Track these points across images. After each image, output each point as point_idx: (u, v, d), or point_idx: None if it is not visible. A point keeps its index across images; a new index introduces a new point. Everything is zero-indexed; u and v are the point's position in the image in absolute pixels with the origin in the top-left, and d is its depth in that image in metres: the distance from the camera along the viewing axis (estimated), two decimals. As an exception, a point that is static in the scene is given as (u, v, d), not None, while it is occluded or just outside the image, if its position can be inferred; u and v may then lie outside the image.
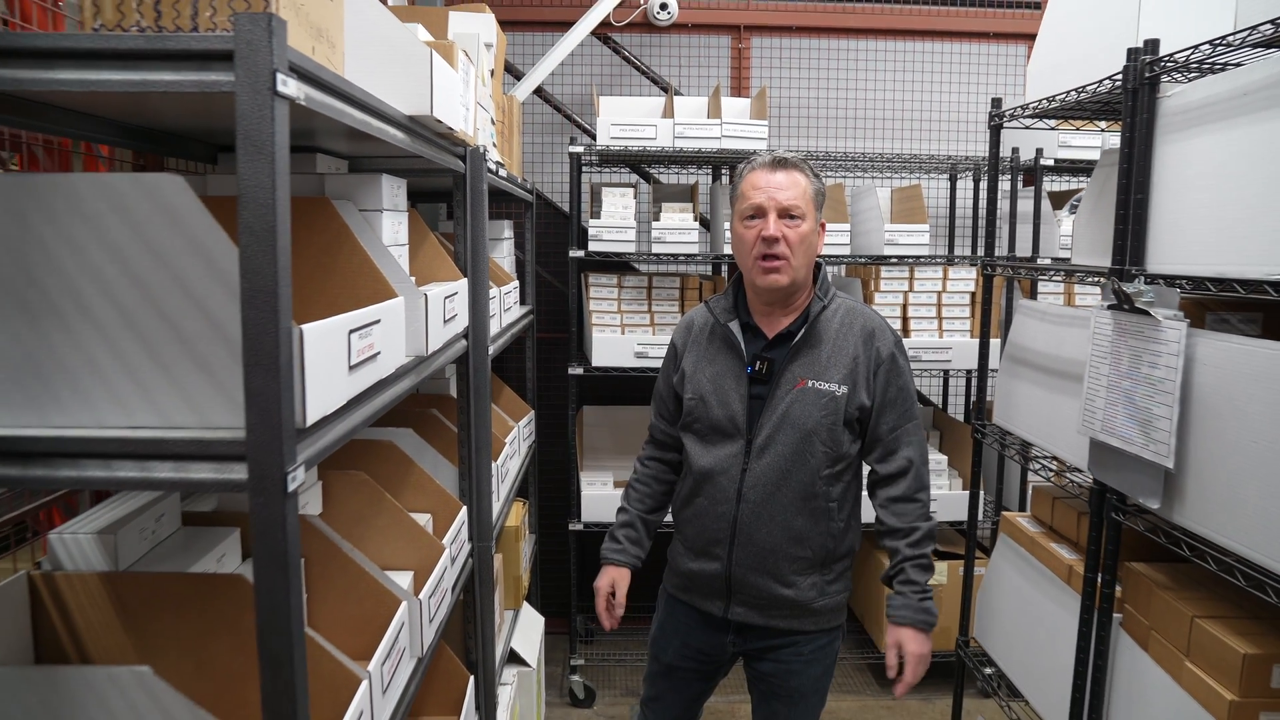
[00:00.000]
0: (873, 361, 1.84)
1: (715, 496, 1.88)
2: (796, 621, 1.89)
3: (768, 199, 1.80)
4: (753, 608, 1.90)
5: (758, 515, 1.84)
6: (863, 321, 1.87)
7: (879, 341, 1.85)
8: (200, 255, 0.99)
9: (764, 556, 1.86)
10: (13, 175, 1.00)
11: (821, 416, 1.81)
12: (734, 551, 1.87)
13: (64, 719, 1.06)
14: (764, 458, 1.83)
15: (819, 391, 1.82)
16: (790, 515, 1.84)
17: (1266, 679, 1.43)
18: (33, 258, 0.99)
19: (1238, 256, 1.41)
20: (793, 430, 1.81)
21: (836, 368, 1.83)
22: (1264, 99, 1.34)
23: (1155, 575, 1.71)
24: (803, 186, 1.82)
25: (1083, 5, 2.05)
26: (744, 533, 1.86)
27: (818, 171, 1.88)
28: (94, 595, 1.34)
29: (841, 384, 1.82)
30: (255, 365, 0.96)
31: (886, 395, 1.84)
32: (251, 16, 0.91)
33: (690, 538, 1.95)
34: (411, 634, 1.65)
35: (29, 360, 1.01)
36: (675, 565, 2.02)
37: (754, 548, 1.86)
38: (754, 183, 1.83)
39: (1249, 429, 1.36)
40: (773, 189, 1.80)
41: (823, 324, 1.86)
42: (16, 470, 1.00)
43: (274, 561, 0.99)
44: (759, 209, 1.81)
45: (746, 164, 1.89)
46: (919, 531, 1.83)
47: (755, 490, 1.84)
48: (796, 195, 1.80)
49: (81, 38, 0.92)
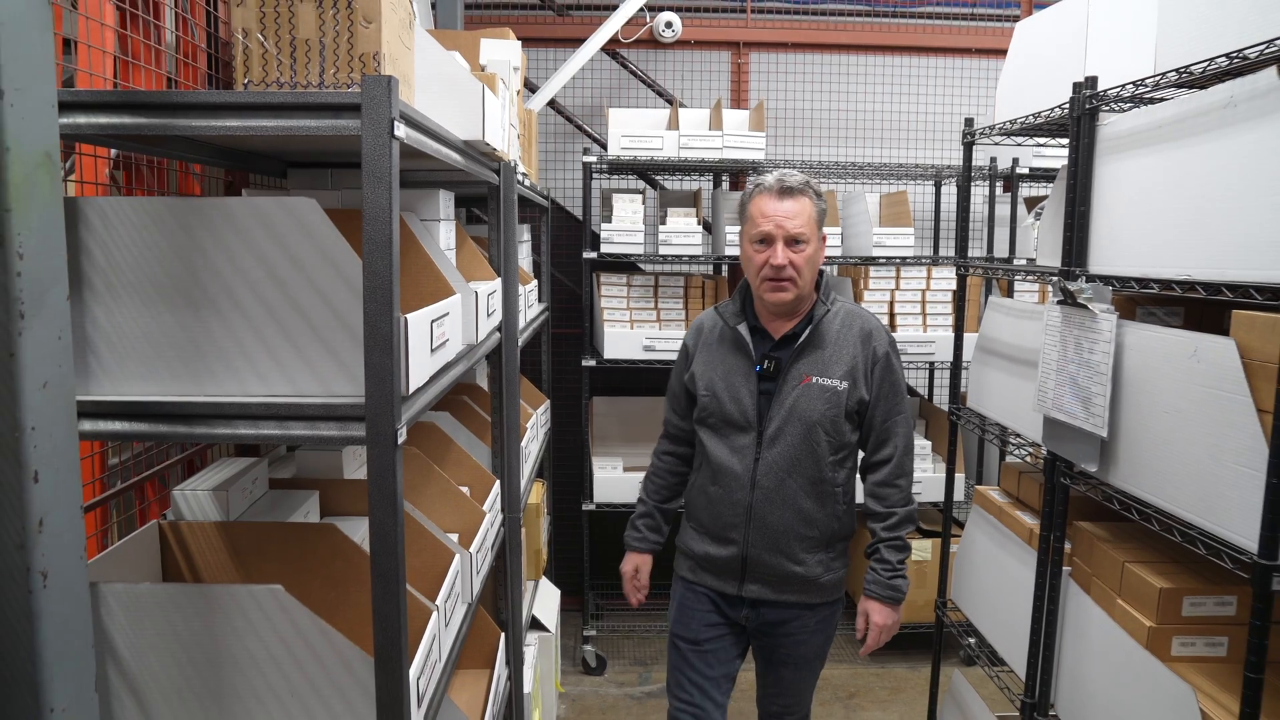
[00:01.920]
0: (870, 360, 2.03)
1: (730, 484, 2.04)
2: (805, 595, 2.08)
3: (775, 228, 1.95)
4: (766, 584, 2.07)
5: (770, 500, 2.01)
6: (861, 324, 2.05)
7: (875, 342, 2.04)
8: (327, 261, 1.28)
9: (777, 538, 2.03)
10: (184, 199, 1.28)
11: (825, 409, 1.99)
12: (749, 534, 2.04)
13: (215, 627, 1.35)
14: (775, 447, 2.00)
15: (823, 387, 1.99)
16: (800, 499, 2.01)
17: (1178, 609, 1.72)
18: (197, 263, 1.28)
19: (1156, 260, 1.70)
20: (799, 422, 1.99)
21: (838, 365, 2.00)
22: (1172, 132, 1.63)
23: (1098, 531, 2.01)
24: (808, 213, 1.97)
25: (1042, 39, 2.35)
26: (758, 516, 2.03)
27: (819, 190, 2.02)
28: (211, 540, 1.63)
29: (843, 380, 2.00)
30: (374, 346, 1.24)
31: (881, 389, 2.03)
32: (375, 78, 1.20)
33: (706, 523, 2.11)
34: (464, 582, 1.93)
35: (192, 343, 1.30)
36: (689, 549, 2.18)
37: (767, 530, 2.03)
38: (762, 209, 1.97)
39: (1163, 402, 1.65)
40: (780, 218, 1.95)
41: (825, 326, 2.02)
42: (184, 428, 1.28)
43: (386, 497, 1.28)
44: (767, 237, 1.96)
45: (755, 185, 2.02)
46: (896, 516, 2.04)
47: (768, 477, 2.01)
48: (802, 223, 1.95)
49: (244, 95, 1.21)
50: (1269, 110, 1.37)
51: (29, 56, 1.03)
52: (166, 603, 1.35)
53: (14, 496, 1.06)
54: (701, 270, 4.25)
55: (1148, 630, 1.73)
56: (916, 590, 3.81)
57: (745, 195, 2.05)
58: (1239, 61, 1.46)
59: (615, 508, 3.71)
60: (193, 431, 1.29)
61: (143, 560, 1.57)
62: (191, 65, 1.90)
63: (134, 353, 1.30)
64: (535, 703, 2.98)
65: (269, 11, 1.29)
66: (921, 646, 3.65)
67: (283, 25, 1.29)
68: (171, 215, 1.27)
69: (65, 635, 1.12)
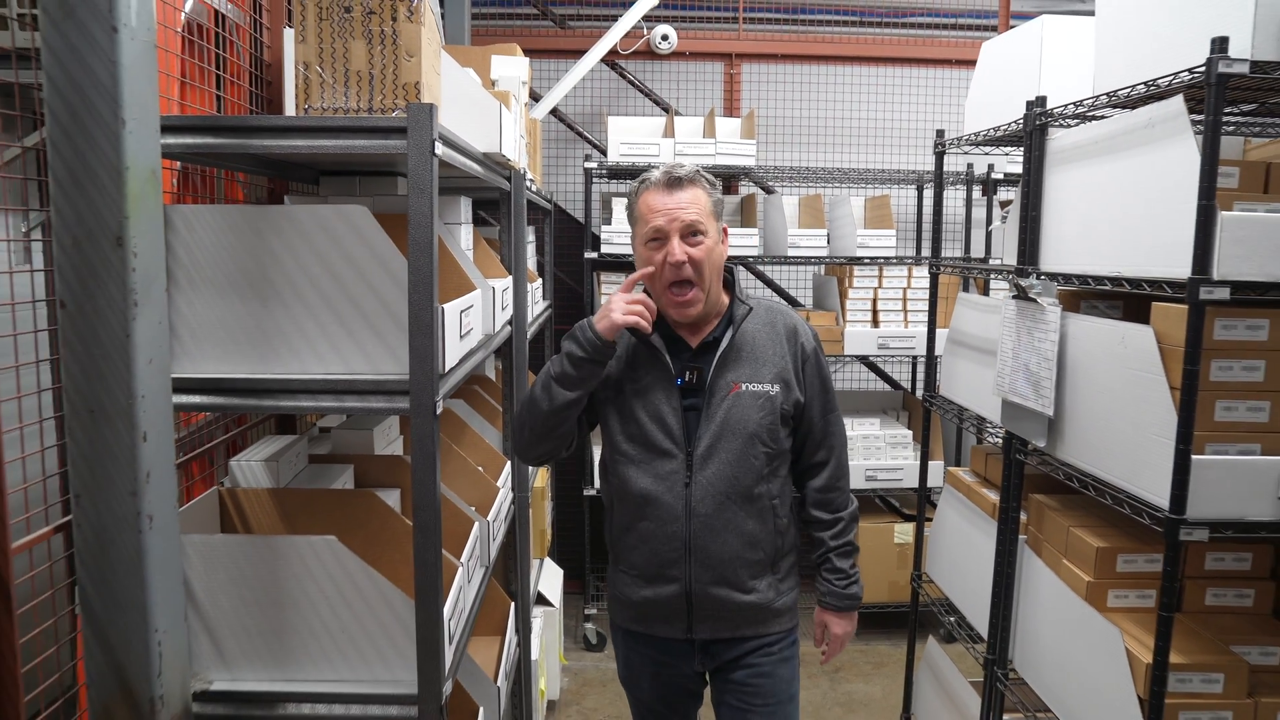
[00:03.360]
0: (798, 358, 1.85)
1: (662, 517, 1.80)
2: (761, 627, 1.86)
3: (668, 220, 1.74)
4: (718, 621, 1.84)
5: (710, 527, 1.79)
6: (784, 320, 1.87)
7: (802, 338, 1.86)
8: (375, 258, 1.51)
9: (721, 567, 1.80)
10: (254, 207, 1.51)
11: (760, 417, 1.79)
12: (691, 569, 1.80)
13: (277, 572, 1.57)
14: (708, 468, 1.78)
15: (754, 393, 1.79)
16: (742, 521, 1.80)
17: (1113, 566, 1.95)
18: (265, 260, 1.50)
19: (1094, 260, 1.94)
20: (734, 436, 1.78)
21: (767, 368, 1.81)
22: (1106, 147, 1.87)
23: (1049, 502, 2.24)
24: (702, 201, 1.76)
25: (1004, 59, 2.58)
26: (699, 548, 1.80)
27: (713, 179, 1.83)
28: (264, 504, 1.85)
29: (774, 383, 1.81)
30: (417, 330, 1.47)
31: (813, 387, 1.87)
32: (419, 106, 1.43)
33: (639, 564, 1.86)
34: (482, 546, 2.16)
35: (260, 329, 1.52)
36: (624, 597, 1.91)
37: (711, 561, 1.80)
38: (651, 205, 1.76)
39: (1098, 383, 1.89)
40: (673, 209, 1.74)
41: (747, 327, 1.83)
42: (254, 400, 1.51)
43: (426, 460, 1.51)
44: (660, 232, 1.75)
45: (641, 182, 1.81)
46: (841, 521, 1.90)
47: (705, 503, 1.78)
48: (698, 212, 1.75)
49: (310, 119, 1.44)
50: (1176, 132, 1.61)
51: (141, 92, 1.26)
52: (236, 551, 1.58)
53: (128, 453, 1.29)
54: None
55: (1087, 585, 1.96)
56: (898, 570, 4.05)
57: (631, 195, 1.84)
58: (1154, 89, 1.70)
59: (615, 493, 3.94)
60: (262, 404, 1.52)
61: (206, 521, 1.80)
62: (237, 84, 2.13)
63: (210, 337, 1.53)
64: (541, 671, 3.21)
65: (326, 47, 1.51)
66: (904, 625, 3.89)
67: (338, 59, 1.51)
68: (244, 220, 1.50)
69: (165, 569, 1.35)
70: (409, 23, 1.52)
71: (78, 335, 1.27)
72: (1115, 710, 1.78)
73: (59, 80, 1.22)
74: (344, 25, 1.52)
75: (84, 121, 1.23)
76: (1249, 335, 1.64)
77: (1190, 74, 1.59)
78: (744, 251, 3.87)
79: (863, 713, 3.48)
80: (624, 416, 1.84)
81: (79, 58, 1.22)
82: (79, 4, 1.21)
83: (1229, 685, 1.75)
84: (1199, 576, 1.96)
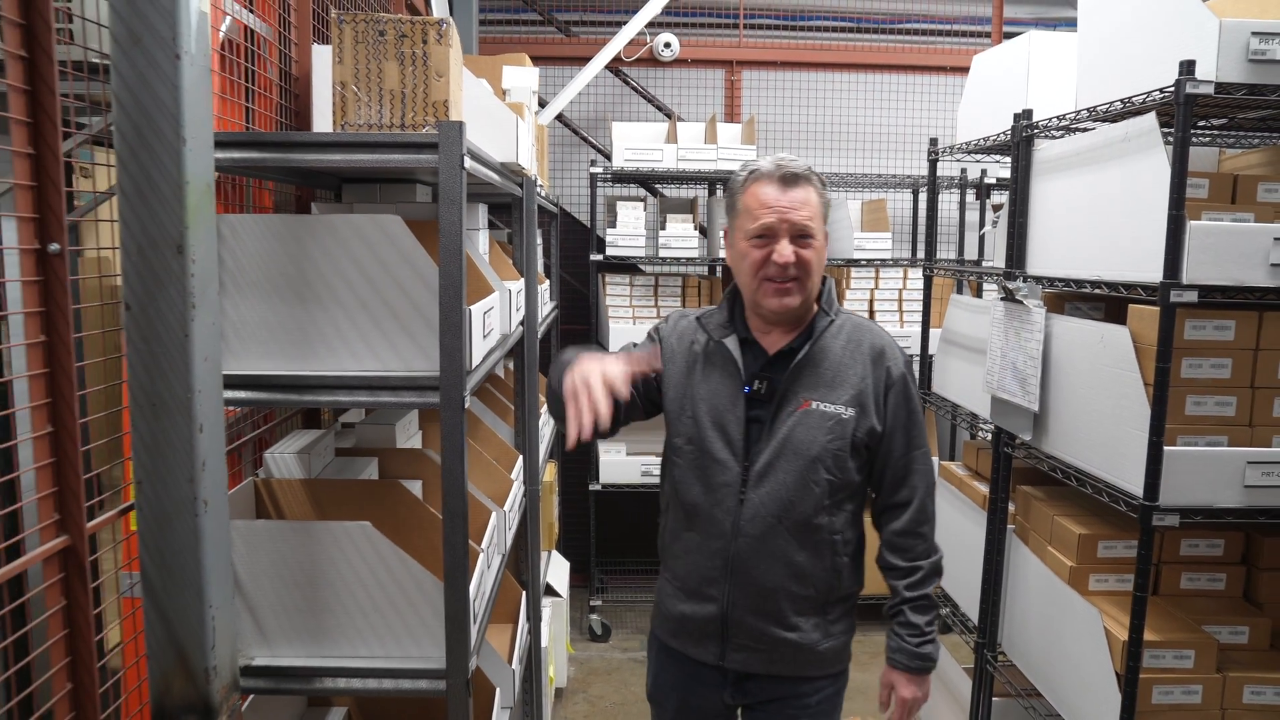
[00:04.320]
0: (882, 383, 1.68)
1: (709, 531, 1.69)
2: (800, 668, 1.71)
3: (779, 220, 1.62)
4: (753, 653, 1.71)
5: (756, 551, 1.66)
6: (871, 339, 1.70)
7: (889, 361, 1.69)
8: (407, 263, 1.62)
9: (764, 597, 1.67)
10: (295, 216, 1.63)
11: (828, 441, 1.63)
12: (730, 591, 1.69)
13: (315, 555, 1.69)
14: (763, 486, 1.65)
15: (824, 414, 1.64)
16: (791, 550, 1.66)
17: (1094, 552, 2.08)
18: (305, 266, 1.62)
19: (1076, 264, 2.06)
20: (795, 456, 1.64)
21: (844, 388, 1.66)
22: (1088, 158, 1.99)
23: (1035, 493, 2.37)
24: (814, 203, 1.64)
25: (994, 72, 2.71)
26: (741, 570, 1.67)
27: (823, 179, 1.71)
28: (297, 493, 1.97)
29: (849, 406, 1.65)
30: (447, 330, 1.59)
31: (897, 418, 1.68)
32: (450, 123, 1.55)
33: (681, 576, 1.75)
34: (499, 534, 2.28)
35: (300, 329, 1.64)
36: (666, 608, 1.81)
37: (752, 587, 1.67)
38: (763, 200, 1.63)
39: (1080, 380, 2.01)
40: (785, 209, 1.62)
41: (828, 341, 1.68)
42: (295, 395, 1.63)
43: (454, 450, 1.63)
44: (769, 230, 1.63)
45: (750, 173, 1.68)
46: (920, 571, 1.70)
47: (754, 524, 1.65)
48: (810, 214, 1.63)
49: (349, 135, 1.56)
50: (1149, 146, 1.73)
51: (199, 112, 1.38)
52: (276, 536, 1.70)
53: (186, 443, 1.41)
54: (697, 271, 4.60)
55: (1070, 570, 2.09)
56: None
57: (735, 184, 1.71)
58: (1130, 106, 1.82)
59: (620, 488, 4.06)
60: (302, 399, 1.64)
61: (243, 509, 1.92)
62: (266, 96, 2.25)
63: (254, 337, 1.65)
64: (550, 658, 3.33)
65: (362, 68, 1.63)
66: (898, 614, 4.02)
67: (373, 79, 1.63)
68: (285, 228, 1.62)
69: (217, 551, 1.47)
70: (438, 45, 1.64)
71: (141, 335, 1.39)
72: (1095, 686, 1.91)
73: (127, 102, 1.34)
74: (378, 47, 1.64)
75: (149, 140, 1.35)
76: (1217, 335, 1.77)
77: (1161, 93, 1.71)
78: (745, 254, 3.99)
79: (859, 699, 3.61)
80: (686, 415, 1.72)
81: (145, 82, 1.33)
82: (146, 33, 1.33)
83: (1199, 661, 1.87)
84: (1174, 562, 2.09)
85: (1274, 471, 1.73)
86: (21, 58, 1.25)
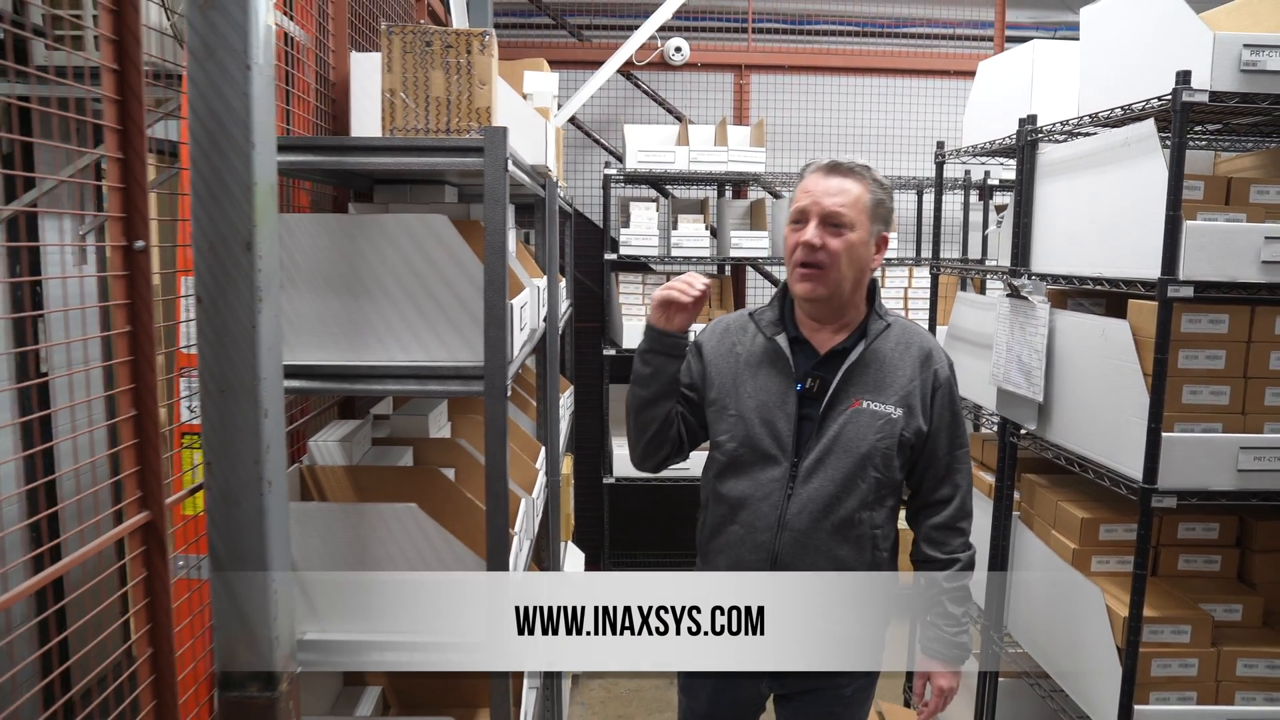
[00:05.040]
0: (929, 385, 1.74)
1: (754, 525, 1.73)
2: (837, 660, 1.78)
3: (812, 203, 1.69)
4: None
5: (800, 545, 1.70)
6: (919, 342, 1.77)
7: (936, 364, 1.76)
8: (453, 260, 1.73)
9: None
10: (347, 216, 1.73)
11: (877, 440, 1.68)
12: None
13: (363, 535, 1.80)
14: (811, 482, 1.70)
15: (875, 413, 1.69)
16: (835, 545, 1.71)
17: (1096, 534, 2.19)
18: (357, 262, 1.73)
19: (1078, 262, 2.17)
20: (845, 454, 1.69)
21: (893, 389, 1.71)
22: (1090, 162, 2.10)
23: (1040, 480, 2.48)
24: (854, 194, 1.69)
25: (999, 78, 2.82)
26: (785, 565, 1.72)
27: (882, 180, 1.75)
28: (340, 480, 2.08)
29: (898, 406, 1.70)
30: (491, 323, 1.70)
31: (942, 419, 1.75)
32: (494, 129, 1.65)
33: (723, 569, 1.79)
34: (528, 519, 2.38)
35: (352, 322, 1.75)
36: None
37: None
38: (805, 186, 1.73)
39: (1082, 371, 2.12)
40: (821, 193, 1.69)
41: (880, 344, 1.74)
42: (348, 385, 1.74)
43: (497, 434, 1.74)
44: (802, 213, 1.71)
45: (808, 165, 1.79)
46: (959, 563, 1.78)
47: (800, 518, 1.70)
48: (844, 202, 1.68)
49: (400, 140, 1.66)
50: (1148, 151, 1.84)
51: (265, 119, 1.49)
52: (328, 516, 1.80)
53: (253, 427, 1.51)
54: (708, 270, 4.71)
55: (1073, 552, 2.20)
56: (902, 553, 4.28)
57: (800, 178, 1.81)
58: (1130, 113, 1.93)
59: (633, 481, 4.17)
60: (354, 387, 1.75)
61: (290, 494, 2.02)
62: (305, 100, 2.35)
63: (308, 329, 1.75)
64: (568, 645, 3.44)
65: (410, 76, 1.74)
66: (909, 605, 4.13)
67: (420, 86, 1.74)
68: (338, 227, 1.73)
69: (278, 528, 1.57)
70: (481, 55, 1.75)
71: (211, 326, 1.49)
72: (1098, 660, 2.01)
73: (201, 110, 1.44)
74: (425, 57, 1.75)
75: (220, 144, 1.45)
76: (1211, 328, 1.88)
77: (1159, 101, 1.82)
78: (754, 253, 4.10)
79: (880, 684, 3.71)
80: (730, 414, 1.76)
81: (218, 91, 1.44)
82: (219, 46, 1.43)
83: (1195, 636, 1.98)
84: (1172, 544, 2.20)
85: (1265, 456, 1.84)
86: (114, 70, 1.35)
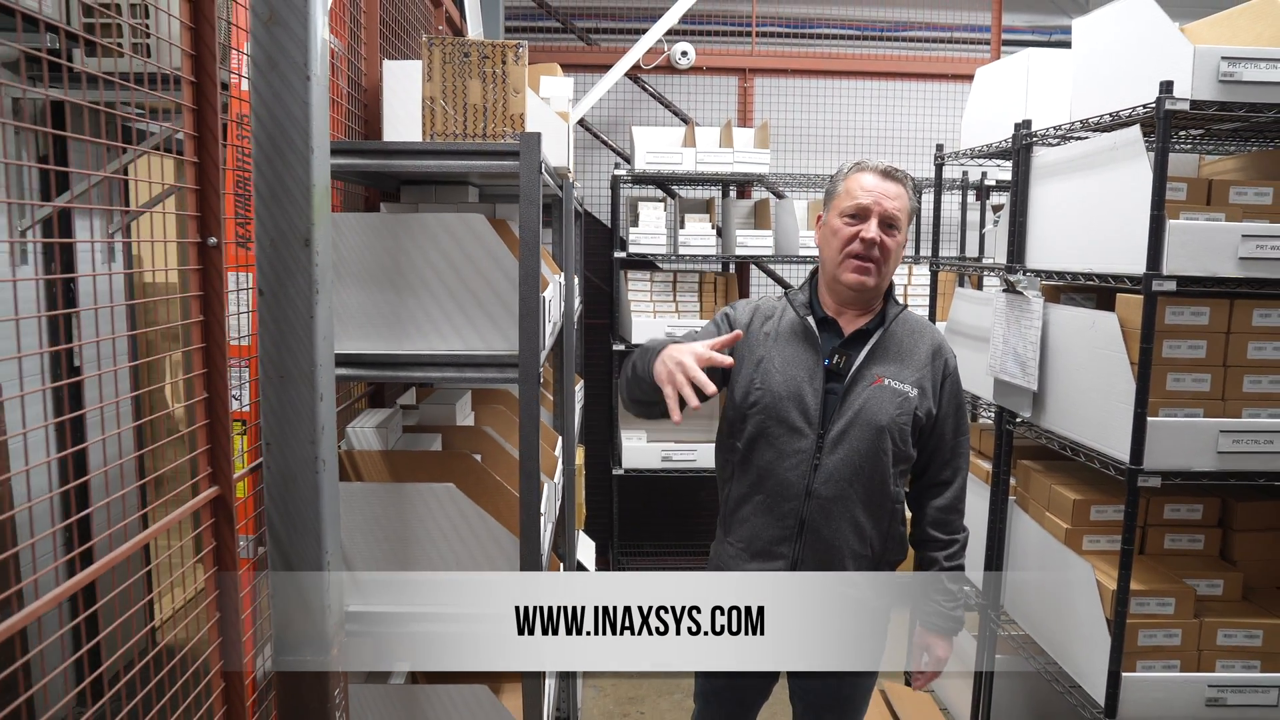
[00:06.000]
0: (939, 374, 1.89)
1: (782, 493, 1.84)
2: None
3: (874, 203, 1.81)
4: None
5: (827, 511, 1.82)
6: (931, 336, 1.92)
7: (945, 356, 1.91)
8: (490, 256, 1.86)
9: (830, 554, 1.84)
10: (391, 215, 1.86)
11: (895, 414, 1.81)
12: (800, 550, 1.84)
13: (404, 513, 1.93)
14: (837, 452, 1.81)
15: (894, 390, 1.83)
16: (857, 511, 1.83)
17: (1087, 515, 2.32)
18: (400, 258, 1.86)
19: (1070, 258, 2.31)
20: (866, 426, 1.81)
21: (909, 370, 1.85)
22: (1081, 164, 2.24)
23: (1035, 466, 2.61)
24: (905, 200, 1.85)
25: (996, 83, 2.95)
26: (812, 529, 1.83)
27: (919, 188, 1.99)
28: (376, 464, 2.21)
29: (914, 387, 1.84)
30: (526, 315, 1.83)
31: (950, 406, 1.90)
32: (529, 135, 1.78)
33: (748, 538, 1.89)
34: (550, 505, 2.51)
35: (394, 314, 1.88)
36: (728, 569, 1.93)
37: (821, 544, 1.83)
38: (864, 184, 1.84)
39: (1074, 361, 2.26)
40: (881, 195, 1.82)
41: (897, 328, 1.88)
42: (389, 373, 1.87)
43: (531, 418, 1.87)
44: (864, 210, 1.82)
45: (856, 163, 1.91)
46: (957, 544, 1.91)
47: (827, 485, 1.81)
48: (900, 207, 1.83)
49: (442, 144, 1.79)
50: (1134, 155, 1.98)
51: (321, 125, 1.62)
52: (370, 496, 1.93)
53: (310, 410, 1.64)
54: (713, 269, 4.85)
55: (1065, 532, 2.33)
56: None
57: (839, 173, 1.94)
58: (1118, 119, 2.07)
59: (641, 472, 4.30)
60: (397, 375, 1.88)
61: (330, 476, 2.15)
62: (339, 103, 2.48)
63: (354, 320, 1.88)
64: (581, 629, 3.57)
65: (449, 85, 1.87)
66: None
67: (458, 94, 1.87)
68: (383, 225, 1.86)
69: (330, 504, 1.70)
70: (515, 65, 1.88)
71: (272, 316, 1.62)
72: (1089, 631, 2.15)
73: (264, 117, 1.57)
74: (463, 67, 1.88)
75: (282, 149, 1.58)
76: (1193, 320, 2.01)
77: (1144, 109, 1.96)
78: (758, 252, 4.23)
79: (868, 668, 3.85)
80: (756, 387, 1.86)
81: (280, 100, 1.57)
82: (281, 58, 1.56)
83: (1179, 608, 2.12)
84: (1158, 524, 2.33)
85: (1243, 439, 1.98)
86: (191, 82, 1.48)
